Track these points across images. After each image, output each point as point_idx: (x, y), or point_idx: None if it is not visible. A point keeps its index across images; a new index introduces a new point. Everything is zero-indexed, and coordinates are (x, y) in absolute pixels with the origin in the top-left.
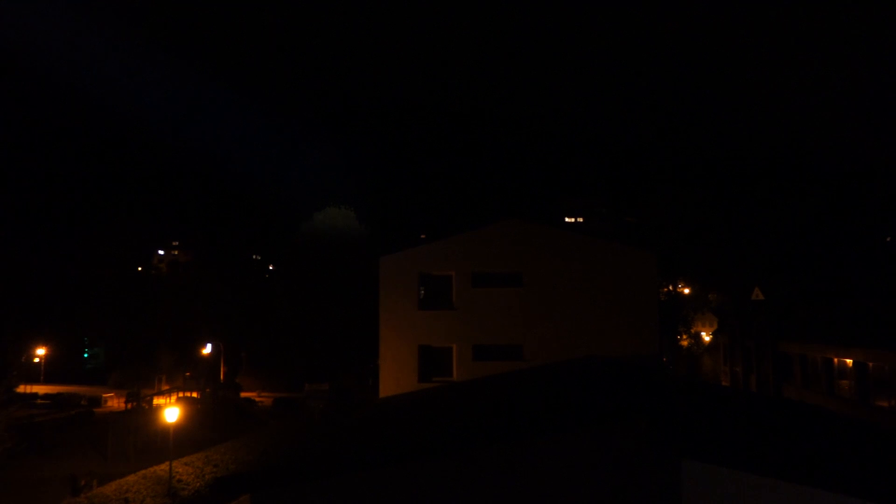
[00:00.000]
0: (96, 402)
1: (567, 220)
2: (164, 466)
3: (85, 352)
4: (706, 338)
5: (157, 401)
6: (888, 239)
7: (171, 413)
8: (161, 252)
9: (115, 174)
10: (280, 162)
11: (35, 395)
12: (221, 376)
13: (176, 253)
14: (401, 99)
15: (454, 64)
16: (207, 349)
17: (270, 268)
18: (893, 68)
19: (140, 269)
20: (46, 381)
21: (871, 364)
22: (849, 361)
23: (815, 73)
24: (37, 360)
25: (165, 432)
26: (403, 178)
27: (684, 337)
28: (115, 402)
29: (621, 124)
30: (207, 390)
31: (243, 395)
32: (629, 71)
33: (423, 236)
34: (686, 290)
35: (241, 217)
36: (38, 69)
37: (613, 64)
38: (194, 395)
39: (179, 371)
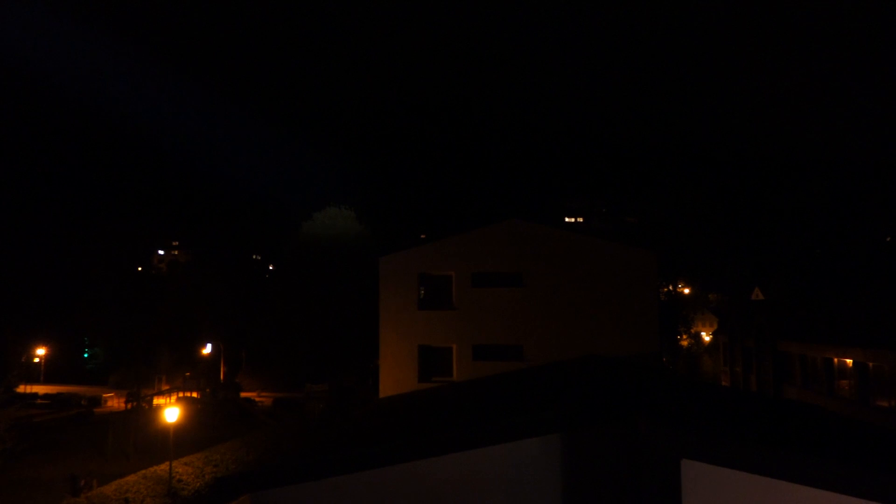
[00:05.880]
0: (96, 402)
1: (567, 220)
2: (164, 466)
3: (85, 352)
4: (706, 338)
5: (157, 401)
6: (888, 239)
7: (171, 413)
8: (161, 252)
9: (116, 174)
10: (280, 162)
11: (35, 395)
12: (221, 376)
13: (176, 253)
14: (400, 98)
15: (454, 63)
16: (207, 349)
17: (270, 268)
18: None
19: (140, 269)
20: (46, 381)
21: (871, 364)
22: (849, 361)
23: (816, 72)
24: (37, 360)
25: (165, 432)
26: (403, 178)
27: (684, 337)
28: (115, 402)
29: (621, 124)
30: (207, 390)
31: (243, 395)
32: (629, 70)
33: (423, 236)
34: (686, 290)
35: (241, 217)
36: (38, 69)
37: (613, 63)
38: (194, 395)
39: (179, 371)
